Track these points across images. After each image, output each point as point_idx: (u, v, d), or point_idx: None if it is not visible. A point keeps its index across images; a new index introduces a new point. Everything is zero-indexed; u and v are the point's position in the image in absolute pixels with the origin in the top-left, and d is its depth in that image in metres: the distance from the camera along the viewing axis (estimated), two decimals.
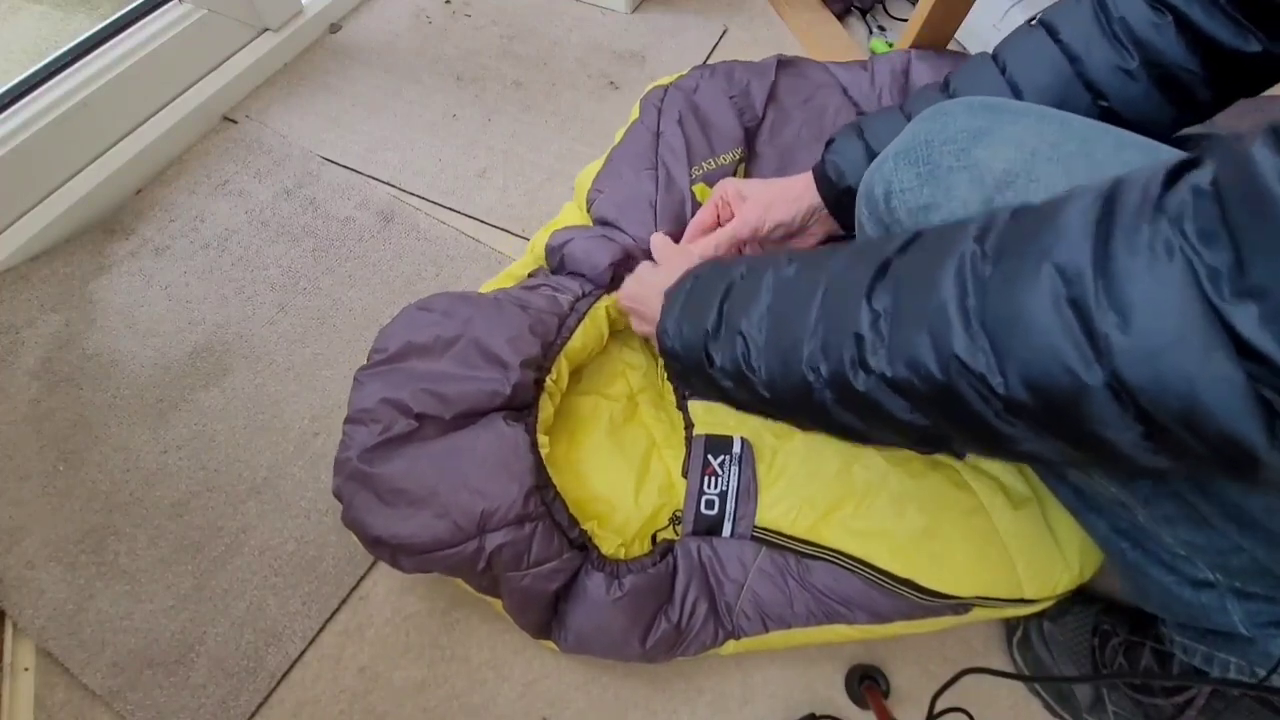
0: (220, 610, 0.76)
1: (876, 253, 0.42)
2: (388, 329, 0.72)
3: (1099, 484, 0.56)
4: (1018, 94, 0.61)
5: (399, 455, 0.65)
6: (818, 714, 0.72)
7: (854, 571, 0.68)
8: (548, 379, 0.72)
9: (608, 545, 0.69)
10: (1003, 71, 0.62)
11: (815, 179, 0.71)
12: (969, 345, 0.35)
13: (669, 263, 0.68)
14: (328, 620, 0.77)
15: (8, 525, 0.80)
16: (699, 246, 0.75)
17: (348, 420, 0.67)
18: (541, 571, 0.64)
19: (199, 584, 0.77)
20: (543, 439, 0.69)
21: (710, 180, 0.86)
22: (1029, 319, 0.33)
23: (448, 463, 0.64)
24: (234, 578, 0.78)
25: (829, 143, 0.71)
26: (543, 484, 0.66)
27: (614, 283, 0.78)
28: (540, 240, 0.85)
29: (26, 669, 0.73)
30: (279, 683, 0.73)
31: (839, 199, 0.70)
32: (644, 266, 0.73)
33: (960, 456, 0.73)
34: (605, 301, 0.78)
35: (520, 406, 0.70)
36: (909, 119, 0.63)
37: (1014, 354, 0.34)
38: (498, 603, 0.70)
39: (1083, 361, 0.31)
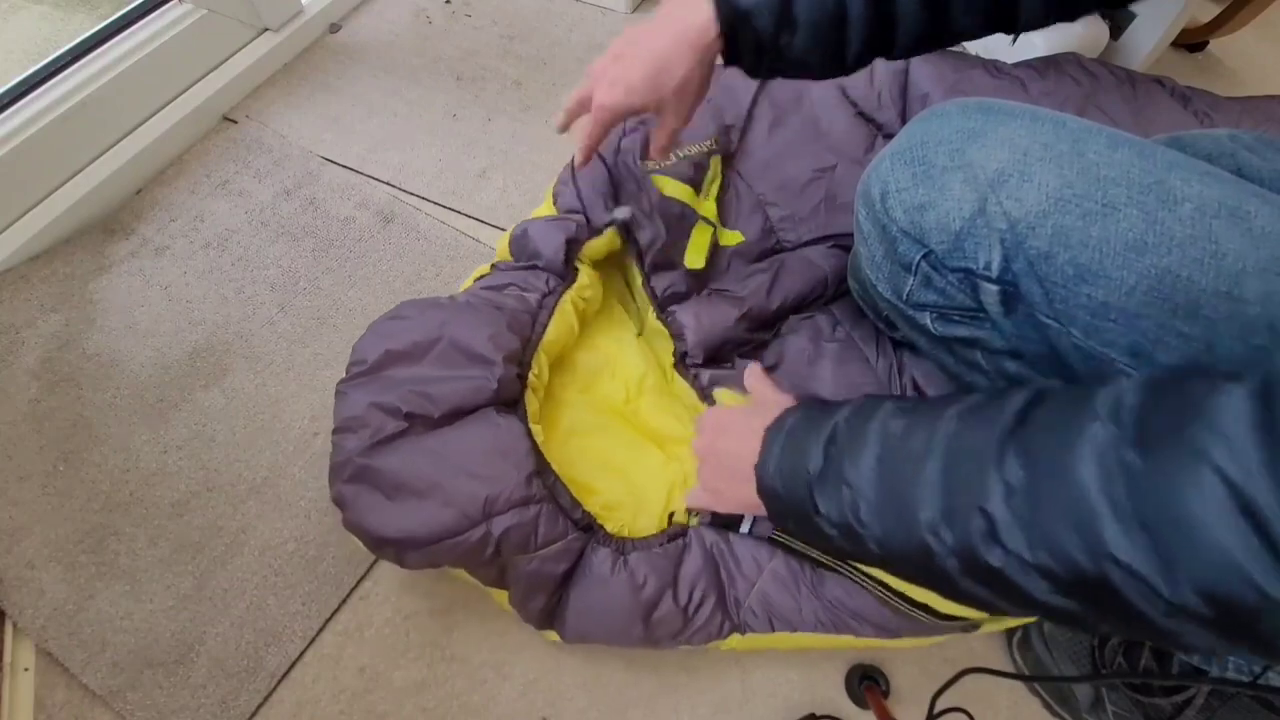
0: (220, 610, 0.76)
1: (994, 419, 0.40)
2: (362, 342, 0.72)
3: None
4: None
5: (395, 451, 0.65)
6: (818, 714, 0.72)
7: (869, 590, 0.67)
8: (530, 374, 0.73)
9: (613, 524, 0.69)
10: None
11: (719, 12, 0.54)
12: (1127, 545, 0.32)
13: (765, 404, 0.60)
14: (328, 620, 0.77)
15: (8, 525, 0.80)
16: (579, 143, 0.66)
17: (335, 431, 0.67)
18: (549, 553, 0.65)
19: (199, 584, 0.77)
20: (535, 428, 0.70)
21: (674, 174, 0.86)
22: (1198, 526, 0.30)
23: (445, 454, 0.65)
24: (234, 578, 0.78)
25: None
26: (541, 468, 0.67)
27: (568, 265, 0.81)
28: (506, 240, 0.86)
29: (26, 669, 0.73)
30: (279, 683, 0.73)
31: (736, 27, 0.54)
32: (724, 412, 0.62)
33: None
34: (570, 295, 0.80)
35: (508, 402, 0.70)
36: None
37: (1183, 562, 0.31)
38: (502, 595, 0.70)
39: (1270, 577, 0.29)
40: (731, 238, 0.86)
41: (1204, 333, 0.42)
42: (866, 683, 0.73)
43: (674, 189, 0.84)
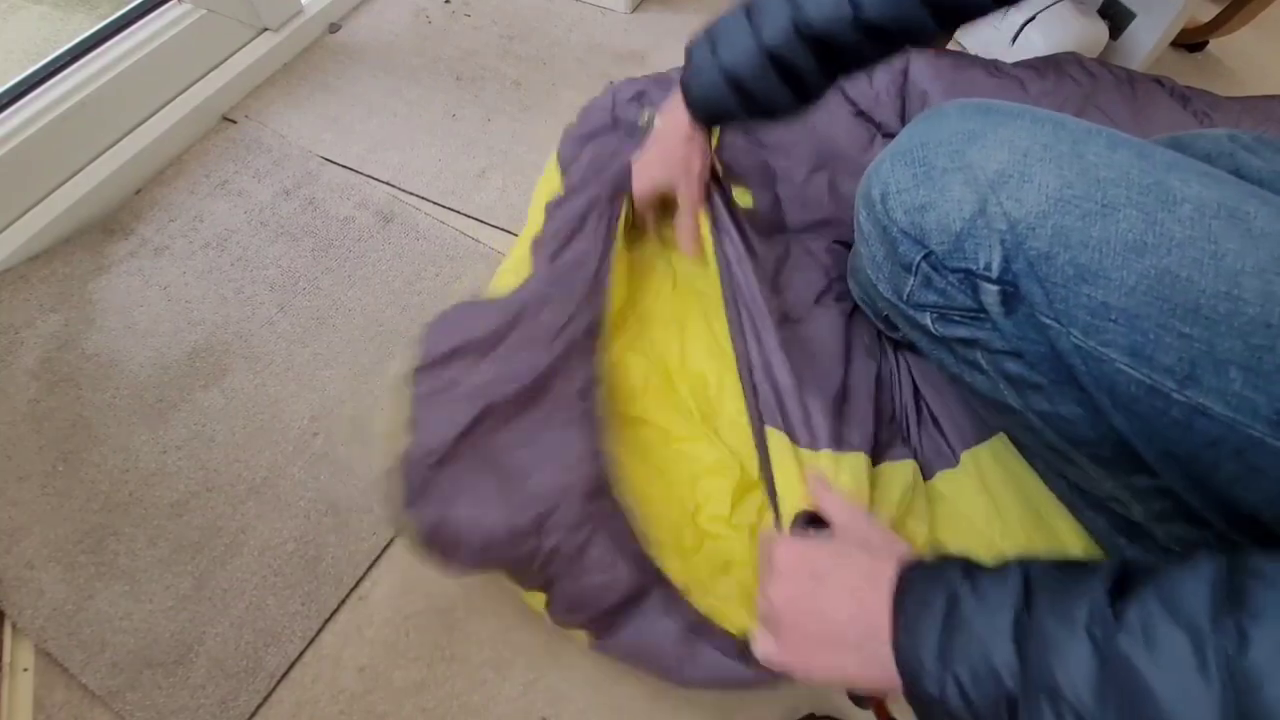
0: (220, 610, 0.76)
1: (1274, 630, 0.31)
2: (430, 333, 0.70)
3: (1095, 481, 0.56)
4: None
5: (462, 454, 0.64)
6: (818, 714, 0.72)
7: None
8: (597, 342, 0.73)
9: (674, 570, 0.66)
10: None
11: (689, 106, 0.71)
12: None
13: (867, 542, 0.51)
14: (327, 620, 0.77)
15: (7, 525, 0.80)
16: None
17: (401, 428, 0.65)
18: (594, 583, 0.62)
19: (199, 584, 0.77)
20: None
21: None
22: None
23: (508, 463, 0.64)
24: (233, 578, 0.78)
25: (688, 60, 0.69)
26: (604, 488, 0.65)
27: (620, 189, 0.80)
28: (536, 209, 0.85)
29: (26, 669, 0.73)
30: (278, 683, 0.73)
31: (711, 118, 0.73)
32: (814, 550, 0.51)
33: None
34: (617, 245, 0.79)
35: (584, 389, 0.69)
36: (749, 16, 0.63)
37: None
38: (538, 599, 0.67)
39: None
40: (743, 197, 0.86)
41: (1204, 333, 0.42)
42: None
43: None
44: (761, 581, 0.53)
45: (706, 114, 0.71)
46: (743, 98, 0.65)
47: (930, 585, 0.42)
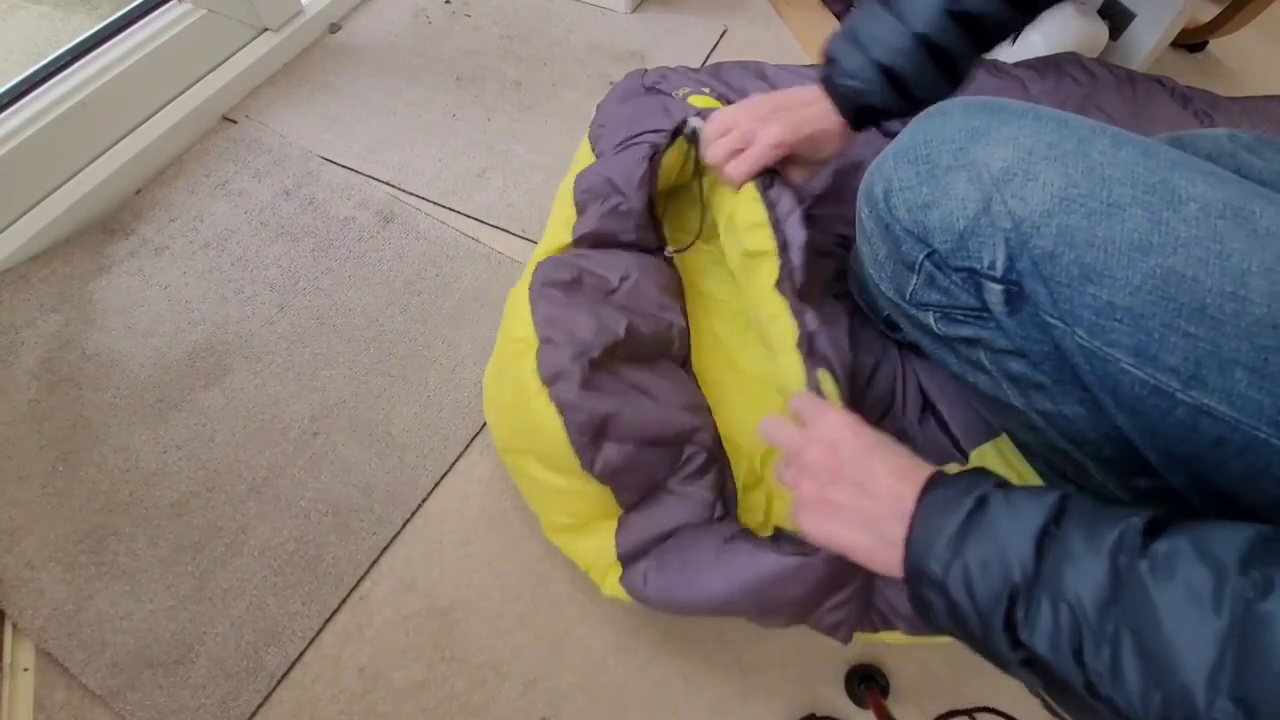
0: (220, 610, 0.76)
1: None
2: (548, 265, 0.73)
3: (1098, 483, 0.56)
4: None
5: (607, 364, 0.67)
6: (818, 714, 0.72)
7: None
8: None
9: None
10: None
11: (836, 103, 0.69)
12: None
13: (880, 439, 0.50)
14: (327, 620, 0.76)
15: (7, 525, 0.79)
16: (734, 169, 0.71)
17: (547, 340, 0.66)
18: (681, 494, 0.66)
19: (199, 584, 0.77)
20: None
21: (700, 92, 0.87)
22: None
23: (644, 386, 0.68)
24: (234, 578, 0.78)
25: (831, 61, 0.68)
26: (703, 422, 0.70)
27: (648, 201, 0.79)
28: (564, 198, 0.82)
29: (26, 669, 0.73)
30: (279, 683, 0.73)
31: (860, 114, 0.69)
32: (865, 432, 0.51)
33: None
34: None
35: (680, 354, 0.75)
36: (889, 7, 0.64)
37: None
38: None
39: None
40: None
41: (1210, 333, 0.42)
42: (866, 683, 0.73)
43: (704, 103, 0.85)
44: (792, 446, 0.53)
45: (855, 112, 0.68)
46: (899, 91, 0.65)
47: (964, 485, 0.43)
